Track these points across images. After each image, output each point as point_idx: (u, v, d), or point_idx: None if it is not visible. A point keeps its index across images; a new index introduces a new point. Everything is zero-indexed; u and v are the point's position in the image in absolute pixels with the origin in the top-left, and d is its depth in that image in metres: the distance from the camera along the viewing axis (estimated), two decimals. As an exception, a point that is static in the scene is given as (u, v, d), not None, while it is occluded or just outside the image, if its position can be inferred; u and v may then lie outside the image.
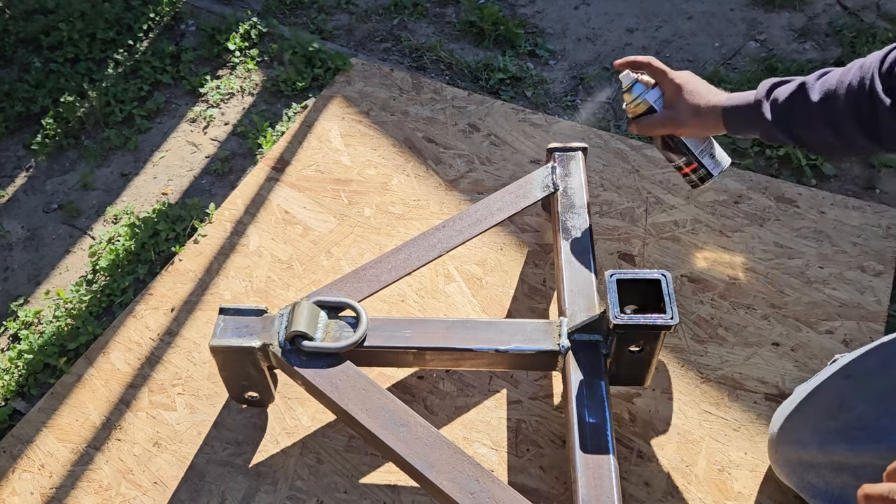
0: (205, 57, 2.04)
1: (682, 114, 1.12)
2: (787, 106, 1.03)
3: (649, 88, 1.16)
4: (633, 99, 1.16)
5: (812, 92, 1.00)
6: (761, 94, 1.06)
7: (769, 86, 1.06)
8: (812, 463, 1.05)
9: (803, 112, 1.01)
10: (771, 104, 1.04)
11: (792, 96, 1.03)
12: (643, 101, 1.16)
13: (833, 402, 1.04)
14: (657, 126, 1.16)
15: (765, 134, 1.06)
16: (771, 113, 1.04)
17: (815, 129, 1.02)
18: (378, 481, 1.23)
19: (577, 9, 2.14)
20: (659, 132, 1.17)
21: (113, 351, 1.42)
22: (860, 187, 1.64)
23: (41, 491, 1.25)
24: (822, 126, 1.00)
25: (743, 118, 1.08)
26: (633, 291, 1.09)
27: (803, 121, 1.02)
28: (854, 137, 0.99)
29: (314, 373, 1.12)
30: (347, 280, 1.25)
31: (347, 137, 1.78)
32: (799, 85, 1.02)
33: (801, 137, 1.04)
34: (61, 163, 1.83)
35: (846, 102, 0.97)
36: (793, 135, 1.04)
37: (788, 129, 1.03)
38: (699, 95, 1.11)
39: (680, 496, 1.19)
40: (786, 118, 1.03)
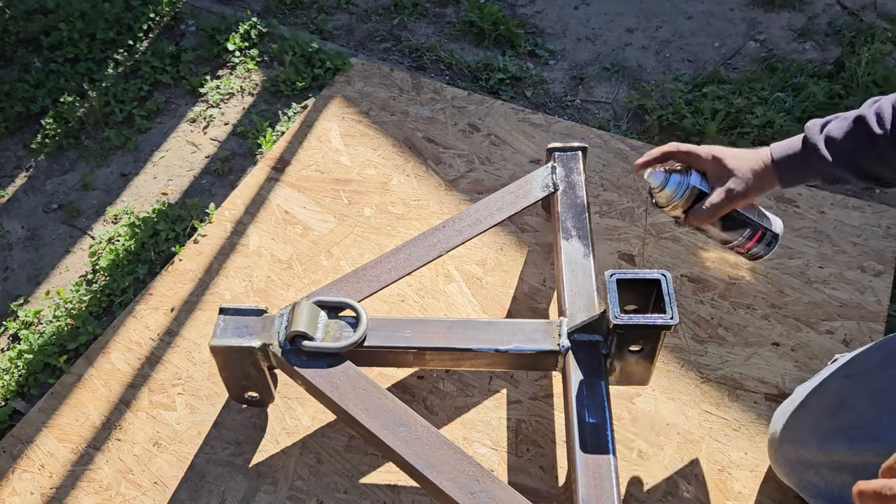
0: (205, 57, 2.04)
1: (735, 184, 1.03)
2: (848, 141, 0.98)
3: (686, 174, 1.06)
4: (676, 193, 1.06)
5: (872, 122, 0.96)
6: (814, 136, 1.00)
7: (818, 126, 1.01)
8: (812, 462, 1.05)
9: (867, 145, 0.97)
10: (827, 143, 0.99)
11: (851, 132, 0.98)
12: (689, 189, 1.05)
13: (833, 401, 1.04)
14: (721, 206, 1.05)
15: (826, 176, 1.02)
16: (830, 152, 0.99)
17: (885, 160, 0.97)
18: (378, 481, 1.23)
19: (577, 9, 2.14)
20: (725, 210, 1.06)
21: (113, 351, 1.42)
22: (860, 187, 1.64)
23: (41, 491, 1.25)
24: (892, 156, 0.96)
25: (799, 166, 1.02)
26: (633, 291, 1.09)
27: (870, 155, 0.97)
28: None
29: (314, 373, 1.12)
30: (347, 280, 1.25)
31: (347, 137, 1.78)
32: (856, 119, 0.98)
33: (868, 170, 0.99)
34: (61, 163, 1.83)
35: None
36: (860, 170, 0.99)
37: (852, 165, 0.99)
38: (743, 158, 1.04)
39: (680, 496, 1.19)
40: (849, 154, 0.98)
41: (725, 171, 1.04)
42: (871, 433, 0.99)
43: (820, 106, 1.76)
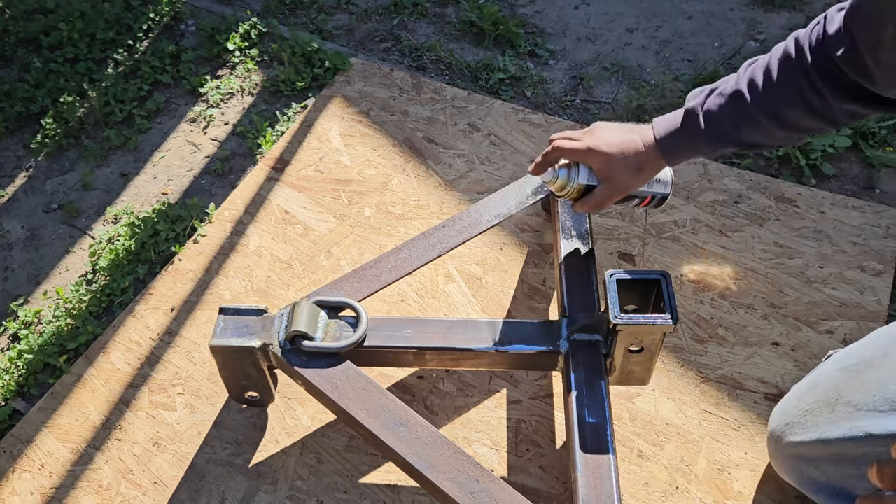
0: (205, 57, 2.04)
1: (623, 179, 1.05)
2: (728, 116, 0.97)
3: (574, 168, 1.09)
4: (565, 188, 1.10)
5: (747, 92, 0.95)
6: (695, 115, 0.99)
7: (696, 101, 0.99)
8: (812, 457, 1.05)
9: (747, 118, 0.95)
10: (707, 121, 0.98)
11: (729, 107, 0.97)
12: (576, 185, 1.09)
13: (830, 395, 1.05)
14: (605, 202, 1.09)
15: (711, 153, 1.02)
16: (712, 130, 0.98)
17: (763, 130, 0.96)
18: (378, 481, 1.23)
19: (577, 9, 2.14)
20: (610, 203, 1.10)
21: (113, 351, 1.42)
22: (860, 187, 1.64)
23: (41, 491, 1.25)
24: (772, 126, 0.95)
25: (683, 145, 1.01)
26: (633, 291, 1.09)
27: (750, 127, 0.96)
28: (808, 125, 0.95)
29: (314, 373, 1.12)
30: (347, 280, 1.25)
31: (347, 137, 1.78)
32: (732, 94, 0.96)
33: (749, 142, 0.99)
34: (61, 163, 1.83)
35: (788, 94, 0.92)
36: (742, 144, 0.99)
37: (736, 140, 0.98)
38: (627, 150, 1.03)
39: (680, 496, 1.19)
40: (731, 129, 0.97)
41: (610, 166, 1.05)
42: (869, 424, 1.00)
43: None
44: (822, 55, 0.89)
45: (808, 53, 0.90)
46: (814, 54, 0.90)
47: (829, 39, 0.88)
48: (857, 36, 0.82)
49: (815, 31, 0.91)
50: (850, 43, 0.84)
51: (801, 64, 0.91)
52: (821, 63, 0.89)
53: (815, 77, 0.90)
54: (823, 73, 0.89)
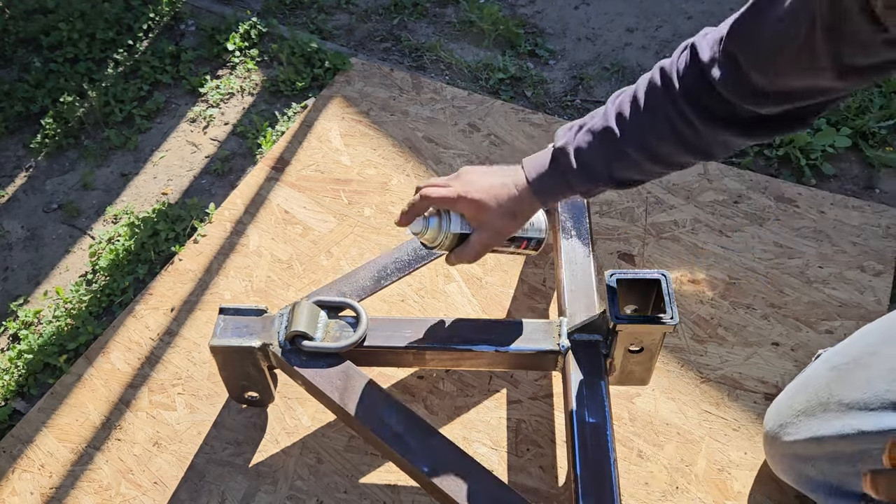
0: (205, 57, 2.04)
1: (497, 226, 1.00)
2: (600, 156, 0.93)
3: (444, 217, 1.02)
4: (436, 238, 1.03)
5: (616, 127, 0.91)
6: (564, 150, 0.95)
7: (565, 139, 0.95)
8: (807, 456, 1.05)
9: (618, 154, 0.92)
10: (577, 159, 0.94)
11: (600, 146, 0.92)
12: (448, 234, 1.02)
13: (822, 394, 1.05)
14: (481, 251, 1.02)
15: (586, 192, 0.98)
16: (582, 167, 0.94)
17: (635, 165, 0.93)
18: (378, 481, 1.23)
19: (577, 9, 2.14)
20: (485, 253, 1.03)
21: (113, 351, 1.42)
22: (860, 187, 1.64)
23: (41, 491, 1.25)
24: (644, 161, 0.92)
25: (557, 187, 0.97)
26: (633, 291, 1.09)
27: (622, 163, 0.93)
28: (681, 159, 0.92)
29: (314, 373, 1.12)
30: (347, 280, 1.25)
31: (347, 137, 1.78)
32: (602, 130, 0.92)
33: (623, 178, 0.95)
34: (61, 163, 1.83)
35: (658, 127, 0.89)
36: (616, 181, 0.95)
37: (609, 178, 0.94)
38: (500, 195, 0.98)
39: (680, 496, 1.19)
40: (603, 168, 0.93)
41: (482, 213, 0.99)
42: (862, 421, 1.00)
43: (820, 106, 1.76)
44: (693, 84, 0.86)
45: (675, 83, 0.86)
46: (682, 83, 0.86)
47: (703, 67, 0.84)
48: (740, 58, 0.79)
49: (681, 59, 0.88)
50: (734, 65, 0.80)
51: (670, 94, 0.87)
52: (690, 92, 0.86)
53: (685, 106, 0.86)
54: (692, 102, 0.86)
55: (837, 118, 1.73)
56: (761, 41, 0.77)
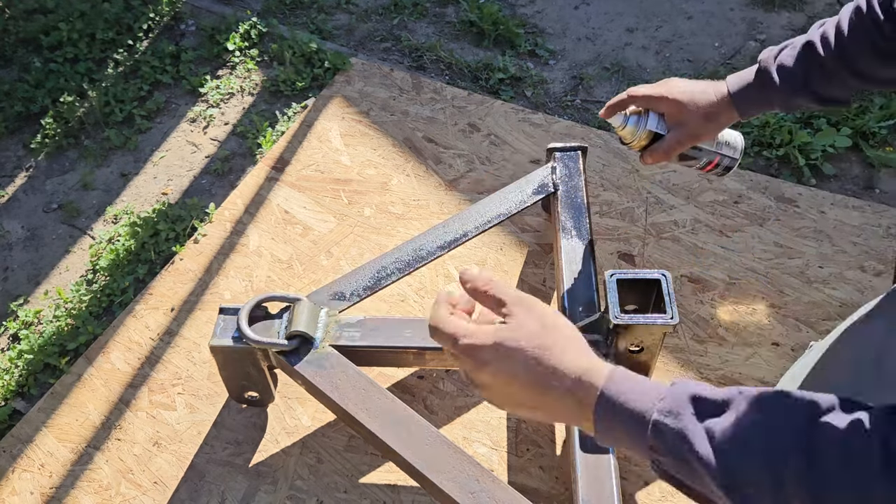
0: (205, 57, 2.04)
1: (693, 125, 1.07)
2: (800, 68, 1.00)
3: (644, 116, 1.10)
4: (634, 134, 1.10)
5: (819, 46, 0.98)
6: (768, 66, 1.02)
7: (772, 56, 1.03)
8: None
9: (817, 68, 0.99)
10: (779, 72, 1.01)
11: (801, 57, 1.00)
12: (645, 132, 1.09)
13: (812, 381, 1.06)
14: (674, 148, 1.09)
15: (783, 104, 1.04)
16: (784, 81, 1.01)
17: (837, 81, 0.99)
18: (378, 481, 1.23)
19: (577, 9, 2.14)
20: (678, 152, 1.11)
21: (113, 351, 1.42)
22: (860, 187, 1.64)
23: (41, 491, 1.25)
24: (844, 75, 0.98)
25: (756, 97, 1.04)
26: (633, 291, 1.08)
27: (822, 77, 0.99)
28: (879, 72, 0.98)
29: (314, 373, 1.12)
30: (347, 280, 1.25)
31: (347, 137, 1.78)
32: (805, 44, 1.00)
33: (822, 94, 1.01)
34: (61, 163, 1.83)
35: (860, 43, 0.95)
36: (814, 94, 1.01)
37: (807, 89, 1.01)
38: (699, 99, 1.06)
39: (680, 496, 1.19)
40: (802, 80, 1.00)
41: (682, 114, 1.06)
42: None
43: (820, 106, 1.76)
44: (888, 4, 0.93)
45: (877, 5, 0.94)
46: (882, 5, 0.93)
47: None
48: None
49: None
50: None
51: (871, 14, 0.94)
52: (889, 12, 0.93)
53: (884, 25, 0.93)
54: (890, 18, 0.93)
55: (837, 118, 1.73)
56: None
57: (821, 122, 1.72)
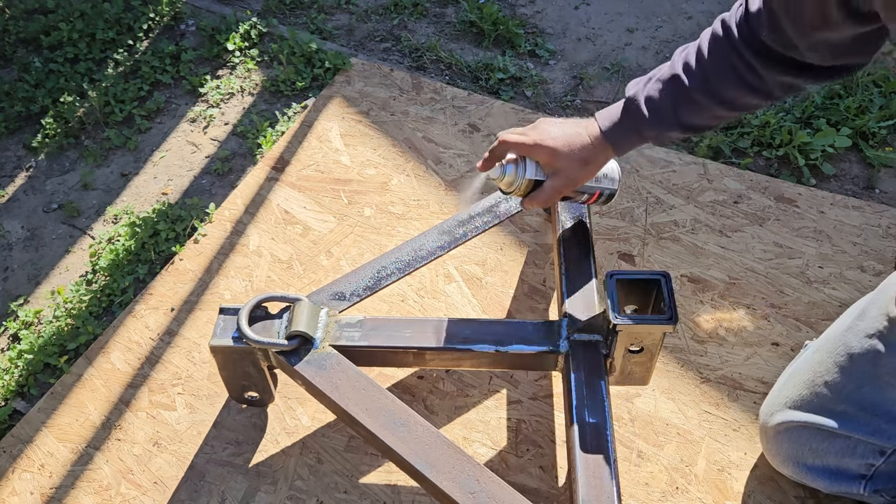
0: (205, 57, 2.04)
1: (571, 171, 1.05)
2: (668, 101, 1.00)
3: (521, 163, 1.07)
4: (512, 184, 1.08)
5: (684, 75, 0.98)
6: (637, 99, 1.01)
7: (638, 90, 1.02)
8: (802, 440, 1.06)
9: (686, 100, 0.99)
10: (648, 106, 1.00)
11: (668, 90, 0.99)
12: (524, 181, 1.07)
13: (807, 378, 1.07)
14: (553, 196, 1.08)
15: (656, 139, 1.04)
16: (654, 115, 1.00)
17: (706, 111, 0.99)
18: (378, 481, 1.23)
19: (577, 9, 2.14)
20: (558, 198, 1.10)
21: (113, 351, 1.42)
22: (860, 187, 1.64)
23: (41, 491, 1.25)
24: (711, 105, 0.98)
25: (629, 134, 1.03)
26: (633, 291, 1.09)
27: (690, 109, 0.99)
28: (746, 101, 0.98)
29: (314, 373, 1.12)
30: (347, 280, 1.25)
31: (347, 137, 1.78)
32: (670, 77, 0.99)
33: (693, 126, 1.02)
34: (61, 163, 1.83)
35: (723, 72, 0.96)
36: (685, 127, 1.01)
37: (678, 122, 1.00)
38: (574, 143, 1.04)
39: (680, 496, 1.19)
40: (672, 114, 1.00)
41: (559, 161, 1.04)
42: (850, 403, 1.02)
43: (819, 106, 1.76)
44: (749, 33, 0.94)
45: (735, 32, 0.94)
46: (740, 32, 0.94)
47: (752, 19, 0.93)
48: (778, 13, 0.87)
49: (738, 10, 0.96)
50: (775, 23, 0.89)
51: (731, 42, 0.95)
52: (748, 40, 0.94)
53: (745, 52, 0.94)
54: (752, 49, 0.94)
55: (837, 118, 1.73)
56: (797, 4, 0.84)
57: (821, 122, 1.72)
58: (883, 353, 0.98)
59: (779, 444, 1.11)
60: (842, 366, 1.02)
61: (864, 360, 1.00)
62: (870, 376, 1.00)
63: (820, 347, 1.09)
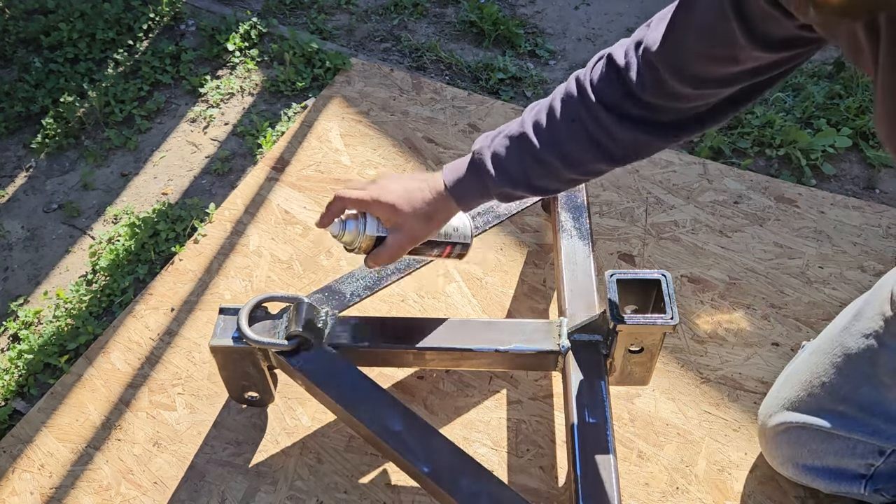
0: (205, 57, 2.04)
1: (412, 227, 1.00)
2: (515, 161, 0.94)
3: (362, 219, 1.02)
4: (354, 241, 1.03)
5: (533, 139, 0.93)
6: (482, 156, 0.96)
7: (484, 146, 0.97)
8: (801, 441, 1.06)
9: (532, 162, 0.94)
10: (494, 164, 0.95)
11: (515, 149, 0.94)
12: (365, 237, 1.02)
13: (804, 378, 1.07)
14: (397, 253, 1.02)
15: (502, 197, 0.99)
16: (500, 174, 0.95)
17: (551, 172, 0.94)
18: (378, 481, 1.23)
19: (577, 9, 2.14)
20: (402, 255, 1.04)
21: (113, 351, 1.42)
22: (860, 187, 1.64)
23: (41, 491, 1.25)
24: (557, 165, 0.93)
25: (473, 190, 0.98)
26: (633, 291, 1.09)
27: (539, 170, 0.94)
28: (599, 166, 0.94)
29: (314, 373, 1.12)
30: (347, 280, 1.25)
31: (347, 137, 1.78)
32: (519, 136, 0.94)
33: (541, 187, 0.97)
34: (61, 163, 1.83)
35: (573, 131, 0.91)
36: (532, 188, 0.97)
37: (525, 182, 0.96)
38: (415, 198, 0.99)
39: (680, 496, 1.19)
40: (520, 174, 0.95)
41: (398, 217, 0.99)
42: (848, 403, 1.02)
43: (819, 106, 1.76)
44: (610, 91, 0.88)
45: (590, 91, 0.89)
46: (597, 91, 0.89)
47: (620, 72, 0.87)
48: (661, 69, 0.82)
49: (596, 68, 0.90)
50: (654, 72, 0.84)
51: (585, 102, 0.90)
52: (606, 98, 0.88)
53: (600, 112, 0.89)
54: (609, 107, 0.88)
55: (838, 118, 1.73)
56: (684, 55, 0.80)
57: (821, 122, 1.72)
58: (880, 353, 0.98)
59: (778, 445, 1.11)
60: (839, 366, 1.02)
61: (861, 361, 1.00)
62: (867, 376, 1.00)
63: (817, 348, 1.09)
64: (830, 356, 1.04)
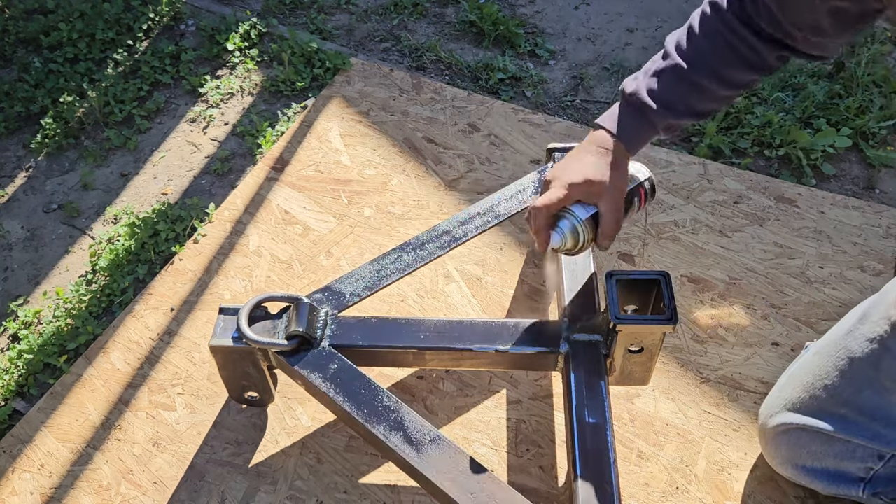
0: (205, 57, 2.04)
1: (613, 183, 1.02)
2: (671, 87, 1.00)
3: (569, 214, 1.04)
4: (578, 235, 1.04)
5: (683, 62, 0.98)
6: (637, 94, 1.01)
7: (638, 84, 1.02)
8: (801, 443, 1.06)
9: (688, 84, 0.99)
10: (652, 97, 1.01)
11: (668, 77, 1.00)
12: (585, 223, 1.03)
13: (806, 380, 1.07)
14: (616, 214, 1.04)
15: (668, 130, 1.04)
16: (661, 105, 1.00)
17: (709, 95, 1.00)
18: (378, 481, 1.23)
19: (577, 9, 2.14)
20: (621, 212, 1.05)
21: (113, 351, 1.42)
22: (860, 187, 1.64)
23: (41, 491, 1.25)
24: (715, 87, 0.99)
25: (639, 130, 1.02)
26: (633, 291, 1.09)
27: (695, 94, 1.00)
28: (749, 78, 1.00)
29: (314, 373, 1.12)
30: (347, 280, 1.25)
31: (347, 137, 1.78)
32: (671, 66, 0.99)
33: (699, 110, 1.02)
34: (61, 163, 1.83)
35: (721, 52, 0.96)
36: (692, 112, 1.02)
37: (686, 110, 1.01)
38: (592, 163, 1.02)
39: (680, 496, 1.19)
40: (678, 99, 1.00)
41: (595, 185, 1.01)
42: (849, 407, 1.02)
43: (819, 106, 1.76)
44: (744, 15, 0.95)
45: (726, 7, 0.96)
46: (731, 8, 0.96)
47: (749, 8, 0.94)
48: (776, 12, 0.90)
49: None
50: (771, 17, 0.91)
51: (723, 18, 0.96)
52: (739, 15, 0.95)
53: (738, 27, 0.95)
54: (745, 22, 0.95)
55: (838, 118, 1.73)
56: None
57: (821, 122, 1.72)
58: (884, 357, 0.98)
59: (777, 446, 1.11)
60: (842, 369, 1.02)
61: (864, 365, 1.00)
62: (870, 380, 0.99)
63: (820, 350, 1.09)
64: (834, 359, 1.04)
